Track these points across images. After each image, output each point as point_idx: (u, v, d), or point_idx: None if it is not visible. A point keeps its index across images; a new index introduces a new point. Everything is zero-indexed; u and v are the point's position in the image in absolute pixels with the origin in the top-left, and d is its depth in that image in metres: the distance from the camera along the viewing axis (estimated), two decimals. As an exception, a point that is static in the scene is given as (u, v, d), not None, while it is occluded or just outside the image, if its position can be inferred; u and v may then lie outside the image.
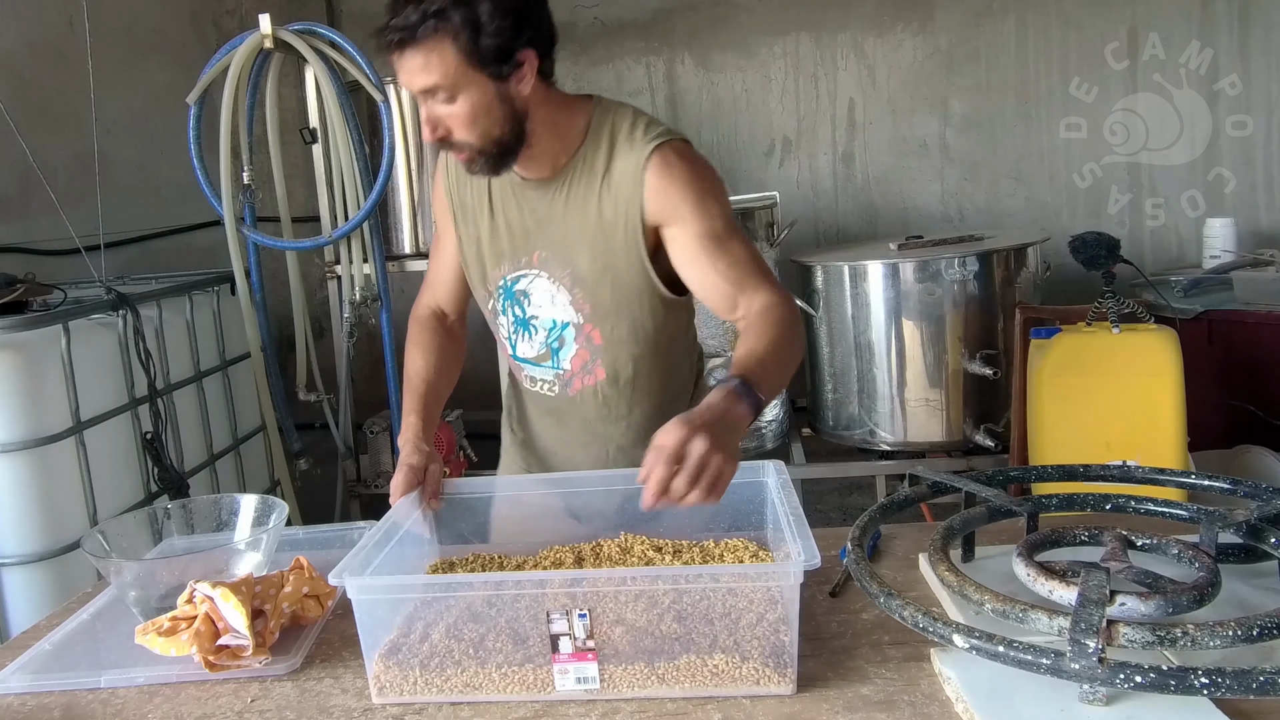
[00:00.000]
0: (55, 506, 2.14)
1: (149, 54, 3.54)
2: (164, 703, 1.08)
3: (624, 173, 1.39)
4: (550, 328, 1.48)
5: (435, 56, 1.26)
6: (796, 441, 3.33)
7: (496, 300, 1.53)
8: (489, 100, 1.31)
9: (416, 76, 1.28)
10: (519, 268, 1.48)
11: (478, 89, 1.29)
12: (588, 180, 1.41)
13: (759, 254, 1.43)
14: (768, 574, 1.05)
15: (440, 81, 1.28)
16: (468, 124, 1.31)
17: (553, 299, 1.46)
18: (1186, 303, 3.05)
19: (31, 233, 2.79)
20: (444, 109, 1.31)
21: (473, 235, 1.52)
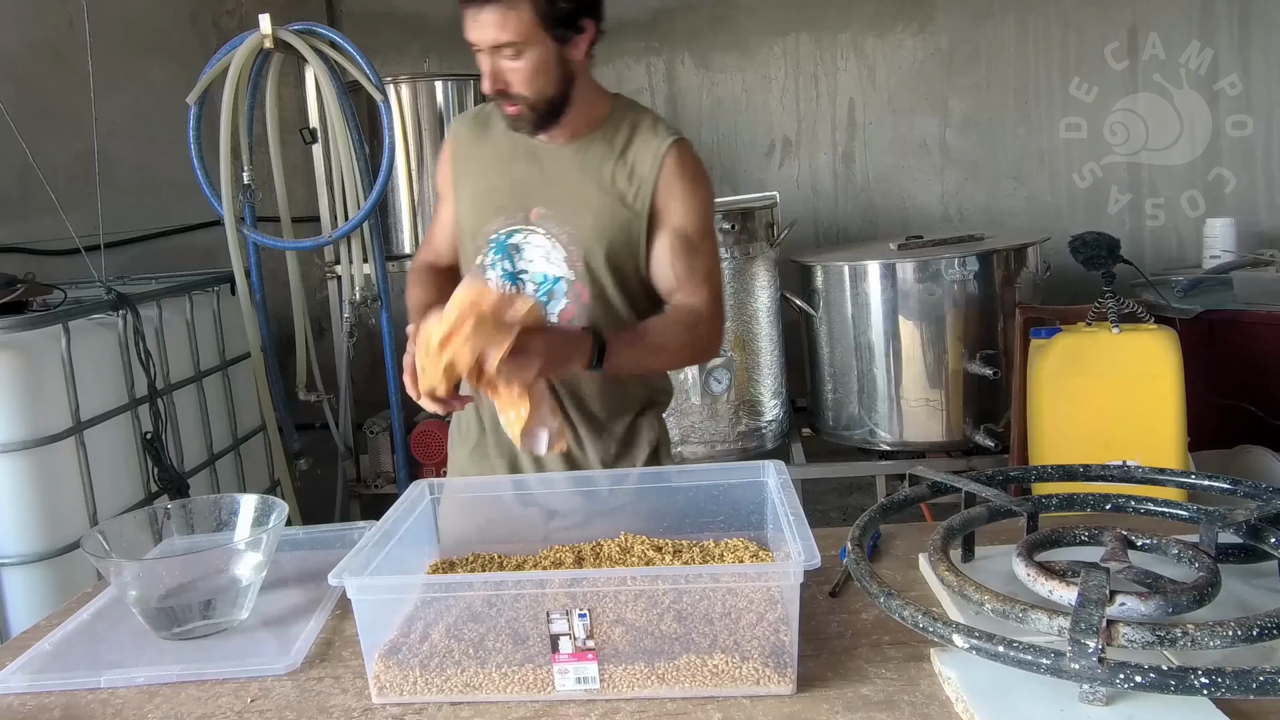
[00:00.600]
0: (55, 506, 2.14)
1: (149, 54, 3.54)
2: (164, 703, 1.08)
3: (643, 154, 1.51)
4: (541, 281, 1.55)
5: (514, 15, 1.37)
6: (796, 441, 3.33)
7: (486, 254, 1.58)
8: (550, 60, 1.42)
9: (490, 31, 1.38)
10: (514, 223, 1.55)
11: (543, 48, 1.40)
12: (605, 151, 1.52)
13: (717, 264, 1.56)
14: (768, 574, 1.05)
15: (514, 39, 1.38)
16: (528, 80, 1.42)
17: (547, 255, 1.54)
18: (1186, 303, 3.05)
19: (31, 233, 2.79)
20: (508, 64, 1.41)
21: (471, 190, 1.60)
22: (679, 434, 3.04)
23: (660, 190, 1.50)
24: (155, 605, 1.24)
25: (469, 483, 1.49)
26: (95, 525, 2.10)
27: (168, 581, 1.24)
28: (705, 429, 3.05)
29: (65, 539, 2.11)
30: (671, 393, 1.74)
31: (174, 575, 1.24)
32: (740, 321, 3.04)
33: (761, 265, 3.09)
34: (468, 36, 1.42)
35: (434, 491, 1.38)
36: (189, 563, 1.26)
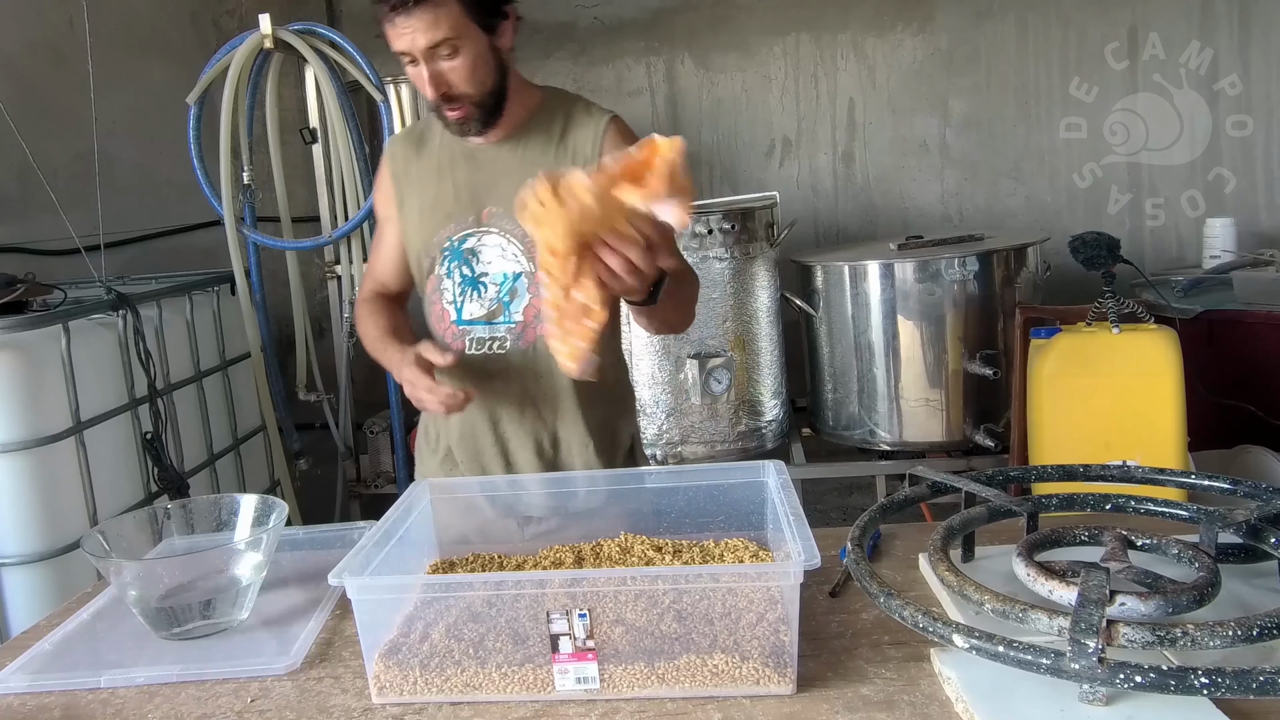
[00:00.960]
0: (55, 506, 2.14)
1: (149, 54, 3.54)
2: (164, 703, 1.08)
3: (582, 135, 1.53)
4: (501, 281, 1.56)
5: (443, 11, 1.37)
6: (796, 441, 3.33)
7: (441, 264, 1.58)
8: (484, 52, 1.44)
9: (425, 33, 1.38)
10: (466, 227, 1.56)
11: (476, 42, 1.42)
12: (544, 140, 1.54)
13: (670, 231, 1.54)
14: (768, 574, 1.05)
15: (448, 35, 1.38)
16: (469, 76, 1.43)
17: (503, 252, 1.55)
18: (1186, 303, 3.05)
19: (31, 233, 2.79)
20: (446, 64, 1.42)
21: (417, 203, 1.60)
22: (679, 434, 3.04)
23: None
24: (155, 605, 1.24)
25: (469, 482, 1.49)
26: (95, 525, 2.10)
27: (168, 581, 1.24)
28: (705, 429, 3.05)
29: (65, 539, 2.11)
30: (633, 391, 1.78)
31: (174, 575, 1.24)
32: (740, 321, 3.04)
33: (761, 265, 3.09)
34: (397, 47, 1.41)
35: (434, 492, 1.38)
36: (189, 563, 1.26)
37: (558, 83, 4.14)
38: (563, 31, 4.21)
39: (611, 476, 1.39)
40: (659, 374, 3.01)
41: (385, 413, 3.33)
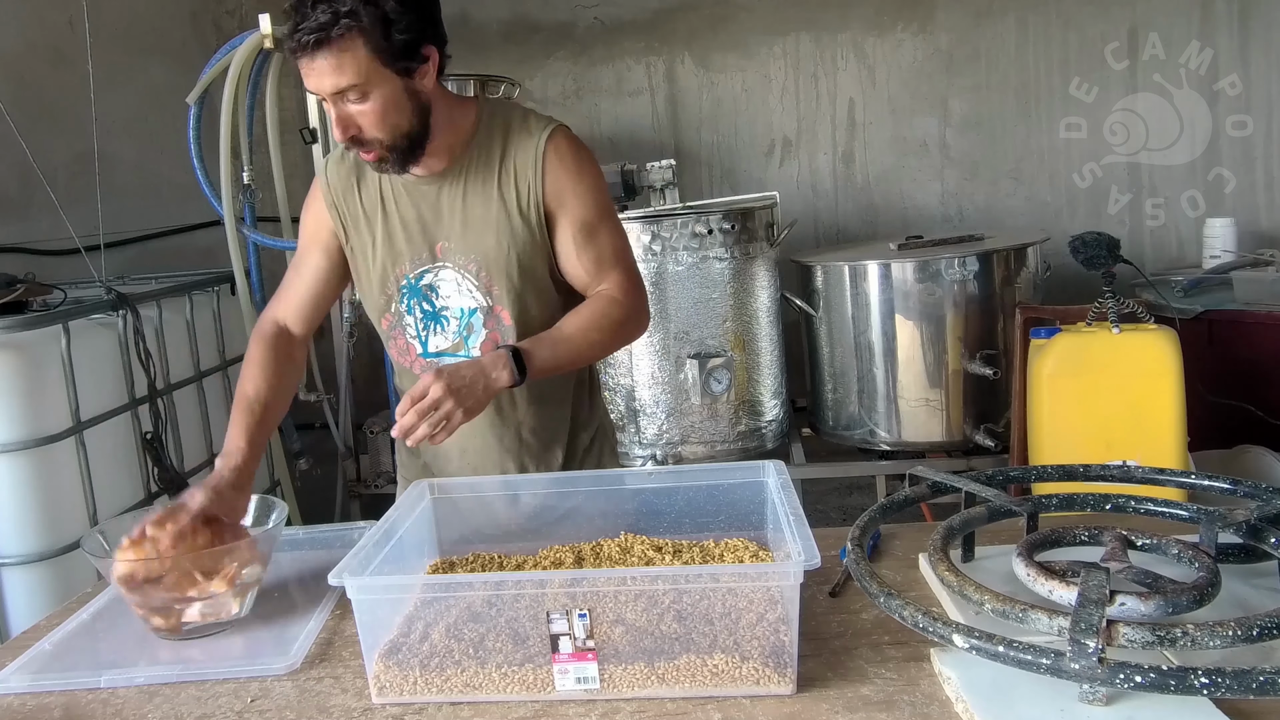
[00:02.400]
0: (55, 506, 2.14)
1: (149, 54, 3.54)
2: (164, 703, 1.08)
3: (523, 158, 1.47)
4: (460, 316, 1.54)
5: (348, 56, 1.30)
6: (796, 441, 3.33)
7: (399, 301, 1.55)
8: (398, 96, 1.36)
9: (329, 78, 1.32)
10: (421, 263, 1.52)
11: (388, 85, 1.35)
12: (485, 168, 1.49)
13: (623, 240, 1.55)
14: (768, 574, 1.05)
15: (354, 80, 1.32)
16: (379, 121, 1.36)
17: (459, 287, 1.52)
18: (1186, 303, 3.05)
19: (31, 233, 2.79)
20: (355, 108, 1.35)
21: (367, 241, 1.54)
22: (679, 434, 3.04)
23: (548, 188, 1.47)
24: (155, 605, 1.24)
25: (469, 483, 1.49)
26: (95, 525, 2.10)
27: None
28: (705, 429, 3.05)
29: (65, 539, 2.11)
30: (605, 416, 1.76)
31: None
32: (740, 321, 3.04)
33: (761, 265, 3.09)
34: (307, 85, 1.35)
35: (434, 491, 1.38)
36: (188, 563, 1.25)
37: (557, 83, 4.21)
38: (563, 31, 4.21)
39: (612, 477, 1.39)
40: (659, 374, 3.01)
41: (385, 413, 3.33)
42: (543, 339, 1.42)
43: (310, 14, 1.28)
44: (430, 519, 1.36)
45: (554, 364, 1.42)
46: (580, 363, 1.50)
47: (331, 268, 1.58)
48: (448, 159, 1.48)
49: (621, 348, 1.59)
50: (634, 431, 3.06)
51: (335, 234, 1.56)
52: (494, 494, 1.43)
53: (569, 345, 1.43)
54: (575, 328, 1.45)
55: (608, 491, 1.36)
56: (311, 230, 1.59)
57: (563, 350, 1.43)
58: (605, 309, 1.48)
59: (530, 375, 1.38)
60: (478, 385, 1.33)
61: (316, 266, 1.58)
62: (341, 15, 1.28)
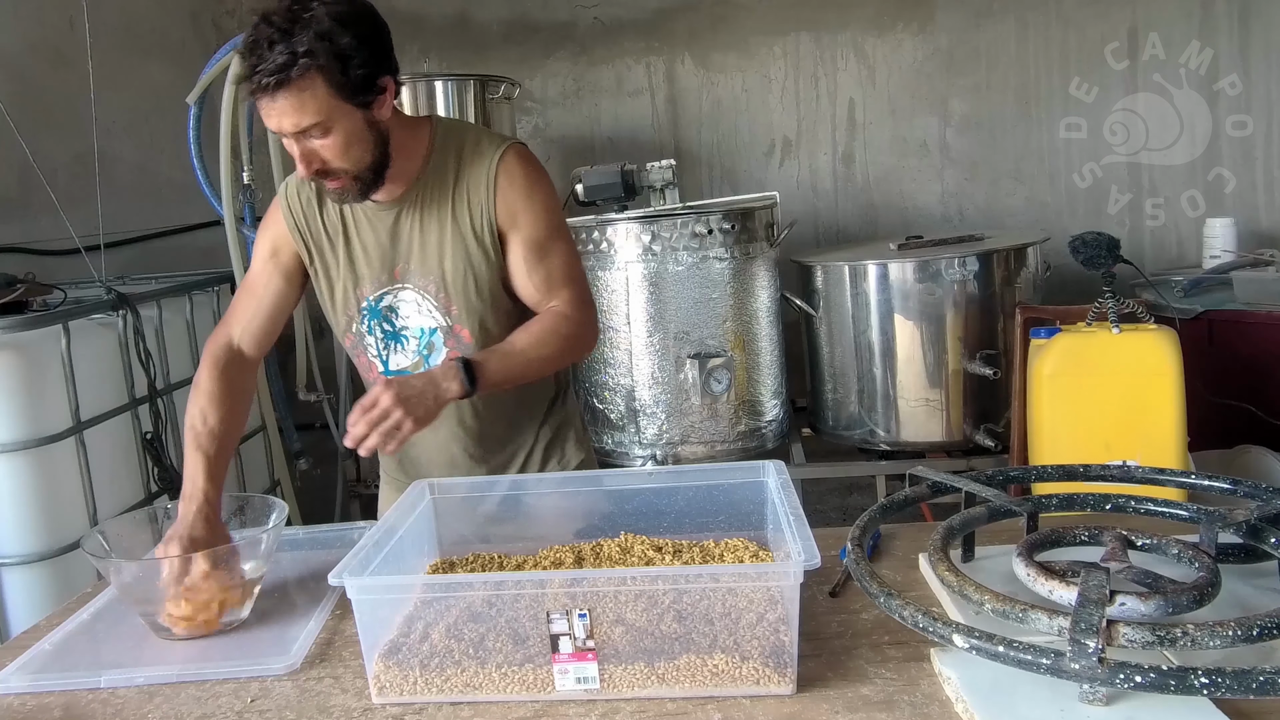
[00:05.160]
0: (55, 506, 2.14)
1: (149, 54, 3.54)
2: (164, 703, 1.08)
3: (474, 179, 1.50)
4: (420, 335, 1.57)
5: (308, 95, 1.32)
6: (796, 441, 3.33)
7: (361, 322, 1.57)
8: (359, 129, 1.39)
9: (290, 118, 1.33)
10: (381, 286, 1.55)
11: (348, 119, 1.37)
12: (440, 191, 1.51)
13: (573, 258, 1.56)
14: (768, 574, 1.05)
15: (316, 119, 1.34)
16: (342, 154, 1.38)
17: (419, 308, 1.54)
18: (1186, 303, 3.04)
19: (31, 233, 2.79)
20: (318, 143, 1.37)
21: (329, 264, 1.56)
22: (679, 434, 3.04)
23: (499, 208, 1.49)
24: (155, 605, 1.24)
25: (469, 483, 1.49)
26: (95, 525, 2.10)
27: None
28: (705, 429, 3.05)
29: (65, 539, 2.11)
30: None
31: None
32: (740, 321, 3.04)
33: (761, 265, 3.09)
34: (268, 125, 1.36)
35: (434, 491, 1.38)
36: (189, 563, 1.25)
37: (557, 83, 4.21)
38: (563, 31, 4.21)
39: (612, 476, 1.39)
40: (659, 374, 3.01)
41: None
42: (495, 351, 1.44)
43: (268, 55, 1.29)
44: (430, 519, 1.36)
45: (505, 376, 1.43)
46: (530, 376, 1.50)
47: (290, 290, 1.59)
48: (404, 184, 1.51)
49: (571, 363, 1.61)
50: (634, 431, 3.06)
51: (297, 256, 1.57)
52: (494, 494, 1.43)
53: (520, 358, 1.44)
54: (526, 342, 1.46)
55: (608, 492, 1.36)
56: (269, 251, 1.58)
57: (513, 363, 1.44)
58: (555, 324, 1.49)
59: (480, 388, 1.38)
60: (428, 395, 1.34)
61: (275, 289, 1.58)
62: (299, 55, 1.29)
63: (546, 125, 4.28)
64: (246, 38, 1.33)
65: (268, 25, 1.31)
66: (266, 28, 1.31)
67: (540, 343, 1.46)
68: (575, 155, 4.15)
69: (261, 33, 1.31)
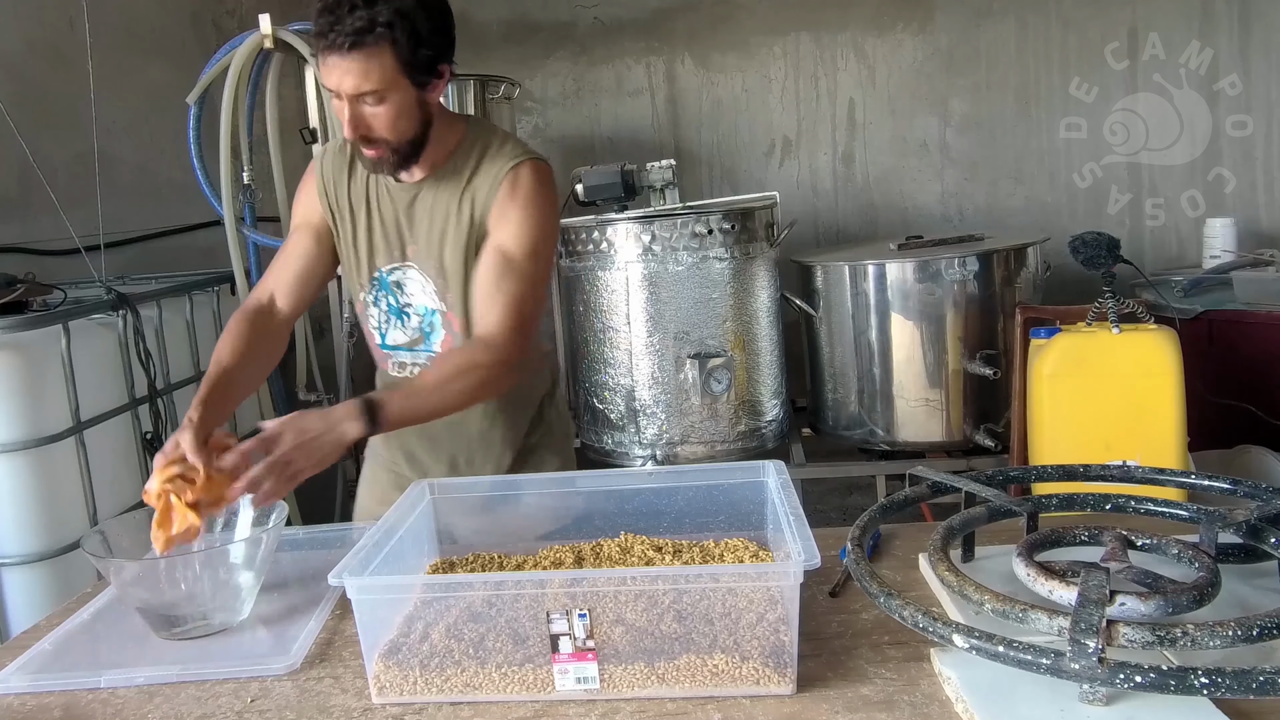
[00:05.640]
0: (55, 506, 2.14)
1: (149, 54, 3.54)
2: (164, 703, 1.08)
3: (484, 179, 1.54)
4: (423, 314, 1.62)
5: (376, 63, 1.38)
6: (796, 441, 3.33)
7: (370, 292, 1.64)
8: (411, 105, 1.44)
9: (353, 78, 1.38)
10: (394, 261, 1.60)
11: (404, 94, 1.43)
12: (453, 185, 1.55)
13: (534, 288, 1.54)
14: (768, 574, 1.05)
15: (377, 86, 1.39)
16: (390, 125, 1.44)
17: (423, 288, 1.60)
18: (1186, 303, 3.04)
19: (31, 233, 2.79)
20: (369, 109, 1.42)
21: (351, 232, 1.62)
22: (679, 434, 3.04)
23: (493, 212, 1.53)
24: (155, 605, 1.24)
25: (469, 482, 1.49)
26: (95, 525, 2.10)
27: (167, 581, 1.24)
28: (705, 429, 3.05)
29: (65, 539, 2.11)
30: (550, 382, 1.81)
31: (174, 575, 1.24)
32: (740, 321, 3.04)
33: (761, 265, 3.09)
34: (327, 83, 1.41)
35: (434, 491, 1.38)
36: (189, 562, 1.26)
37: (557, 83, 4.21)
38: (563, 31, 4.21)
39: (612, 476, 1.39)
40: (659, 374, 3.01)
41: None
42: (400, 392, 1.42)
43: (347, 17, 1.35)
44: (430, 519, 1.36)
45: (409, 416, 1.42)
46: (442, 412, 1.48)
47: (319, 250, 1.65)
48: (427, 169, 1.56)
49: (489, 399, 1.59)
50: (634, 431, 3.06)
51: (324, 220, 1.63)
52: (494, 494, 1.43)
53: (426, 396, 1.43)
54: (435, 380, 1.44)
55: (608, 492, 1.36)
56: (303, 214, 1.66)
57: (419, 402, 1.43)
58: (470, 358, 1.47)
59: (382, 428, 1.37)
60: (325, 440, 1.31)
61: (304, 247, 1.64)
62: (378, 24, 1.36)
63: (546, 125, 4.28)
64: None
65: None
66: None
67: (449, 380, 1.44)
68: (575, 155, 4.15)
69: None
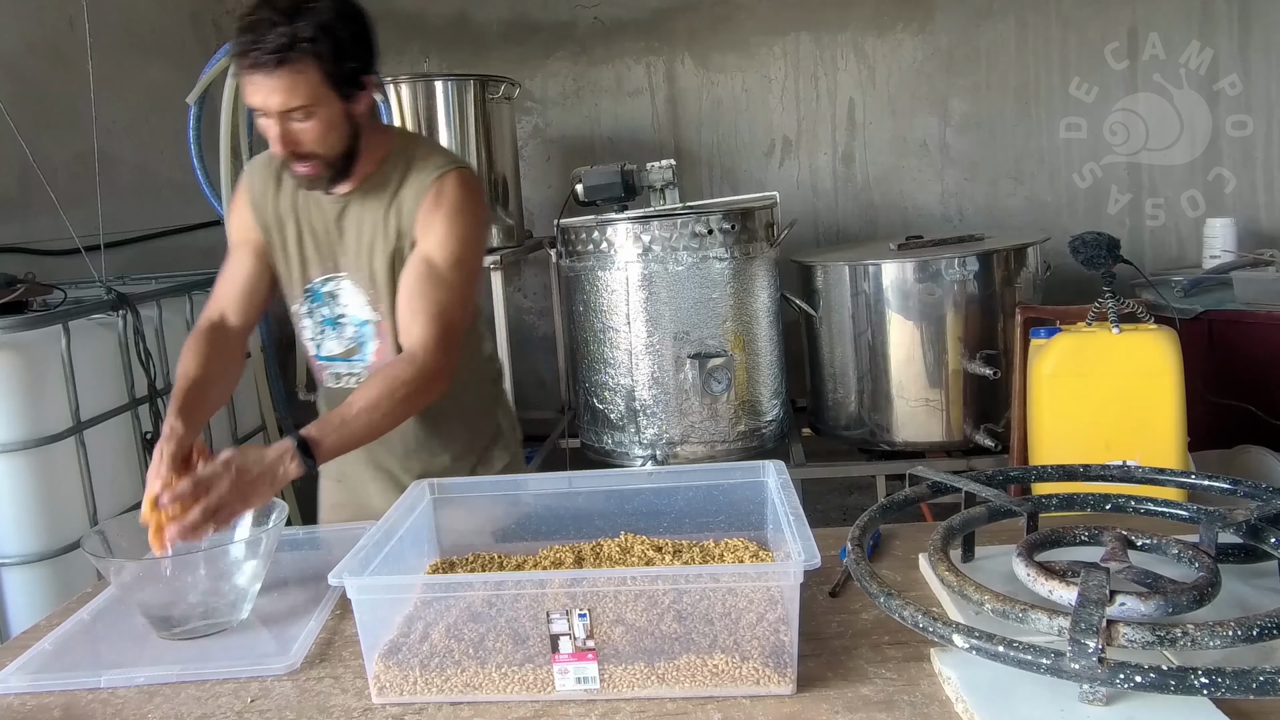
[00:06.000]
0: (55, 506, 2.14)
1: (149, 54, 3.54)
2: (164, 703, 1.08)
3: (410, 190, 1.54)
4: (358, 324, 1.62)
5: (302, 78, 1.38)
6: (796, 442, 3.33)
7: (304, 303, 1.64)
8: (339, 117, 1.45)
9: (280, 96, 1.39)
10: (326, 272, 1.61)
11: (331, 108, 1.43)
12: (380, 196, 1.56)
13: (460, 297, 1.54)
14: (768, 574, 1.05)
15: (304, 102, 1.39)
16: (320, 139, 1.44)
17: (356, 299, 1.60)
18: (1186, 303, 3.04)
19: (31, 233, 2.79)
20: (298, 126, 1.42)
21: (282, 244, 1.63)
22: (679, 434, 3.04)
23: (419, 221, 1.53)
24: (155, 605, 1.24)
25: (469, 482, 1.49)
26: (95, 525, 2.10)
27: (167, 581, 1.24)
28: (705, 429, 3.05)
29: (65, 539, 2.11)
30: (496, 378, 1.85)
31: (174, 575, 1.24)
32: (740, 321, 3.04)
33: (761, 265, 3.09)
34: (251, 102, 1.41)
35: (434, 491, 1.38)
36: (189, 563, 1.26)
37: (557, 83, 4.21)
38: (563, 31, 4.21)
39: (611, 476, 1.39)
40: (659, 374, 3.01)
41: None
42: (330, 421, 1.40)
43: (268, 34, 1.36)
44: (430, 519, 1.36)
45: (344, 444, 1.41)
46: (377, 434, 1.47)
47: (260, 266, 1.65)
48: (356, 181, 1.56)
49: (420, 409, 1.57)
50: (634, 431, 3.06)
51: (259, 235, 1.64)
52: (494, 494, 1.43)
53: (357, 423, 1.41)
54: (363, 404, 1.43)
55: (608, 492, 1.36)
56: (238, 231, 1.67)
57: (352, 428, 1.41)
58: (396, 375, 1.46)
59: (320, 461, 1.36)
60: (263, 481, 1.30)
61: (245, 264, 1.66)
62: (301, 39, 1.36)
63: (546, 125, 4.28)
64: (246, 16, 1.39)
65: (270, 8, 1.37)
66: (269, 10, 1.37)
67: (377, 403, 1.43)
68: (575, 155, 4.15)
69: (263, 14, 1.37)
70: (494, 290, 3.12)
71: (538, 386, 4.29)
